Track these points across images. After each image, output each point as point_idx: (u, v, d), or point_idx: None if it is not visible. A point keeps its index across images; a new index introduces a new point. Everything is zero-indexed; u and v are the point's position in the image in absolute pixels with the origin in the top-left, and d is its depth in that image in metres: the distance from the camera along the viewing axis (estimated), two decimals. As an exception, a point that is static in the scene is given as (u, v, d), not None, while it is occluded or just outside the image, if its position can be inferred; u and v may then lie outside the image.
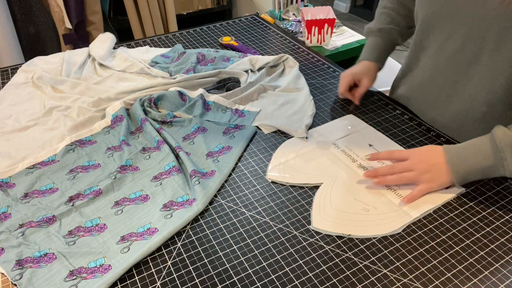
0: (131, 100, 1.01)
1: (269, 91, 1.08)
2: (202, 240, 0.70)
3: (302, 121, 0.95)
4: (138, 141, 0.92)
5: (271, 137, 0.93)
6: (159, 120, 0.96)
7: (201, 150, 0.88)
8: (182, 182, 0.79)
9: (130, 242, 0.69)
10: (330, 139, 0.91)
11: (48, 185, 0.81)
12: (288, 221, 0.73)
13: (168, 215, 0.73)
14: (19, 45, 2.13)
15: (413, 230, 0.71)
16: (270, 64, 1.16)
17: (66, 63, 1.18)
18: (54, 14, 1.99)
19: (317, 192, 0.78)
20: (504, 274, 0.63)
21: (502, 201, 0.75)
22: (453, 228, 0.71)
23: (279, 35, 1.39)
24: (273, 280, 0.63)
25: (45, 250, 0.67)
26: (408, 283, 0.62)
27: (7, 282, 0.64)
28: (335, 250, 0.67)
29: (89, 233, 0.71)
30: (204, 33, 1.41)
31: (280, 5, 1.99)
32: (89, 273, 0.64)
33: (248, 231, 0.71)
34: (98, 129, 0.95)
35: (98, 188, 0.79)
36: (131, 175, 0.82)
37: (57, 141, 0.91)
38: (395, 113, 0.99)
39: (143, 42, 1.36)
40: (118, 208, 0.76)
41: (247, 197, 0.78)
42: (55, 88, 1.10)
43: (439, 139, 0.90)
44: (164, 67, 1.17)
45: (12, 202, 0.77)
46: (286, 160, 0.85)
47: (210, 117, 0.98)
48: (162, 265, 0.66)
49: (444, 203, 0.75)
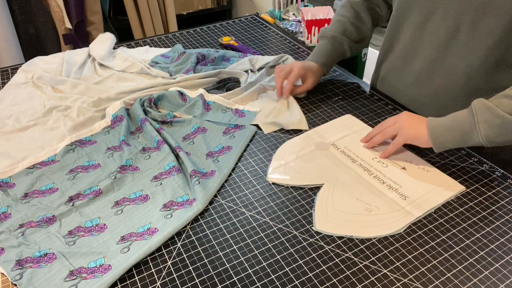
0: (131, 100, 1.01)
1: (269, 91, 1.08)
2: (202, 240, 0.70)
3: (301, 115, 0.97)
4: (138, 141, 0.92)
5: (271, 137, 0.93)
6: (159, 120, 0.96)
7: (201, 150, 0.88)
8: (182, 182, 0.79)
9: (130, 242, 0.69)
10: (329, 140, 0.90)
11: (48, 185, 0.81)
12: (288, 221, 0.73)
13: (168, 215, 0.73)
14: (19, 45, 2.13)
15: (413, 230, 0.71)
16: (270, 64, 1.16)
17: (66, 63, 1.18)
18: (54, 14, 1.99)
19: (318, 194, 0.78)
20: (504, 274, 0.63)
21: (502, 201, 0.75)
22: (453, 228, 0.71)
23: (279, 35, 1.39)
24: (273, 280, 0.63)
25: (45, 250, 0.67)
26: (408, 283, 0.62)
27: (7, 282, 0.64)
28: (335, 250, 0.67)
29: (89, 233, 0.71)
30: (204, 33, 1.41)
31: (280, 5, 1.99)
32: (89, 273, 0.64)
33: (248, 231, 0.71)
34: (98, 129, 0.95)
35: (98, 188, 0.79)
36: (131, 175, 0.82)
37: (57, 141, 0.91)
38: (394, 113, 0.99)
39: (143, 42, 1.36)
40: (118, 208, 0.76)
41: (247, 197, 0.78)
42: (55, 88, 1.10)
43: (439, 139, 0.90)
44: (164, 67, 1.17)
45: (12, 202, 0.77)
46: (286, 162, 0.85)
47: (210, 117, 0.98)
48: (162, 265, 0.66)
49: (444, 203, 0.75)
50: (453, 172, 0.82)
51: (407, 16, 0.91)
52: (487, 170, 0.82)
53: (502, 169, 0.82)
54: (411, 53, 0.94)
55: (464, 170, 0.82)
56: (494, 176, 0.81)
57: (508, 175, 0.81)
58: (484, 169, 0.82)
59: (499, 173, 0.81)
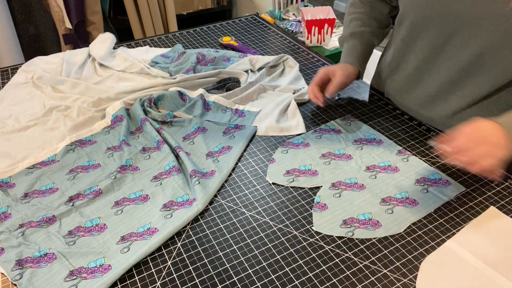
0: (131, 100, 1.01)
1: (269, 91, 1.08)
2: (202, 240, 0.70)
3: (299, 118, 0.97)
4: (138, 141, 0.92)
5: (271, 137, 0.93)
6: (159, 120, 0.96)
7: (201, 150, 0.88)
8: (182, 182, 0.79)
9: (130, 242, 0.69)
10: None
11: (48, 185, 0.81)
12: (288, 221, 0.73)
13: (168, 215, 0.73)
14: (19, 45, 2.12)
15: (413, 230, 0.71)
16: (270, 64, 1.16)
17: (66, 63, 1.18)
18: (54, 14, 1.99)
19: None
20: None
21: (502, 201, 0.75)
22: (453, 228, 0.71)
23: (279, 35, 1.39)
24: (273, 280, 0.63)
25: (45, 250, 0.67)
26: (408, 283, 0.62)
27: (7, 282, 0.64)
28: (335, 250, 0.67)
29: (89, 233, 0.71)
30: (204, 33, 1.41)
31: (280, 5, 1.99)
32: (89, 273, 0.64)
33: (248, 231, 0.71)
34: (98, 129, 0.95)
35: (98, 188, 0.79)
36: (131, 175, 0.82)
37: (57, 141, 0.91)
38: (395, 113, 0.99)
39: (143, 42, 1.36)
40: (118, 208, 0.76)
41: (247, 197, 0.78)
42: (55, 88, 1.10)
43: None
44: (164, 67, 1.17)
45: (12, 202, 0.77)
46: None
47: (210, 117, 0.98)
48: (162, 265, 0.66)
49: (444, 203, 0.75)
50: (453, 172, 0.82)
51: (421, 38, 0.86)
52: (487, 170, 0.82)
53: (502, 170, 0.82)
54: (425, 73, 0.88)
55: (464, 170, 0.82)
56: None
57: (508, 175, 0.81)
58: (484, 169, 0.82)
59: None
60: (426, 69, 0.88)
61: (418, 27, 0.85)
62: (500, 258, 0.65)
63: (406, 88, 0.95)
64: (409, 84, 0.93)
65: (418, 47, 0.87)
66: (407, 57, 0.91)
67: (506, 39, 0.73)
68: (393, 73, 0.97)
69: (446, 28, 0.80)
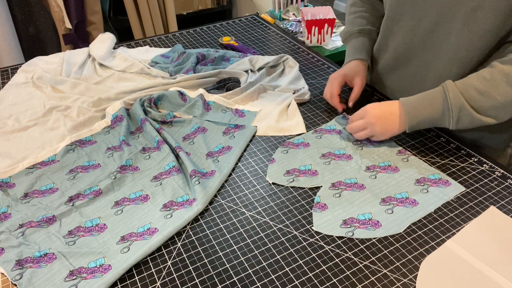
0: (131, 100, 1.01)
1: (269, 91, 1.08)
2: (202, 240, 0.70)
3: (299, 118, 0.97)
4: (138, 141, 0.92)
5: (271, 137, 0.93)
6: (159, 120, 0.96)
7: (201, 150, 0.88)
8: (182, 182, 0.79)
9: (130, 242, 0.69)
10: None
11: (48, 185, 0.81)
12: (288, 221, 0.73)
13: (168, 215, 0.73)
14: (19, 45, 2.12)
15: (413, 230, 0.71)
16: (270, 64, 1.16)
17: (66, 63, 1.18)
18: (54, 14, 1.99)
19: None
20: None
21: (502, 201, 0.75)
22: (453, 228, 0.71)
23: (279, 35, 1.39)
24: (273, 280, 0.63)
25: (45, 250, 0.67)
26: (408, 283, 0.62)
27: (7, 282, 0.64)
28: (335, 250, 0.67)
29: (89, 233, 0.71)
30: (204, 33, 1.41)
31: (280, 5, 1.99)
32: (89, 273, 0.64)
33: (248, 231, 0.71)
34: (98, 129, 0.95)
35: (98, 188, 0.79)
36: (131, 175, 0.82)
37: (57, 141, 0.91)
38: (395, 113, 0.99)
39: (143, 42, 1.36)
40: (118, 208, 0.76)
41: (247, 197, 0.78)
42: (55, 88, 1.10)
43: (438, 139, 0.90)
44: (164, 67, 1.17)
45: (12, 202, 0.77)
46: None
47: (210, 117, 0.98)
48: (162, 265, 0.66)
49: (444, 203, 0.75)
50: (453, 172, 0.82)
51: (399, 20, 0.90)
52: (487, 170, 0.82)
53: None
54: (403, 57, 0.93)
55: (464, 170, 0.82)
56: (494, 176, 0.81)
57: (508, 175, 0.81)
58: (484, 169, 0.82)
59: (499, 173, 0.81)
60: (402, 51, 0.93)
61: (398, 10, 0.90)
62: (500, 258, 0.65)
63: (389, 71, 0.99)
64: (391, 67, 0.98)
65: (396, 31, 0.93)
66: (388, 42, 0.96)
67: (468, 14, 0.77)
68: (376, 59, 1.02)
69: (417, 11, 0.85)
